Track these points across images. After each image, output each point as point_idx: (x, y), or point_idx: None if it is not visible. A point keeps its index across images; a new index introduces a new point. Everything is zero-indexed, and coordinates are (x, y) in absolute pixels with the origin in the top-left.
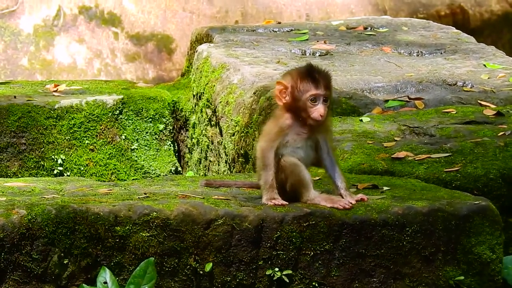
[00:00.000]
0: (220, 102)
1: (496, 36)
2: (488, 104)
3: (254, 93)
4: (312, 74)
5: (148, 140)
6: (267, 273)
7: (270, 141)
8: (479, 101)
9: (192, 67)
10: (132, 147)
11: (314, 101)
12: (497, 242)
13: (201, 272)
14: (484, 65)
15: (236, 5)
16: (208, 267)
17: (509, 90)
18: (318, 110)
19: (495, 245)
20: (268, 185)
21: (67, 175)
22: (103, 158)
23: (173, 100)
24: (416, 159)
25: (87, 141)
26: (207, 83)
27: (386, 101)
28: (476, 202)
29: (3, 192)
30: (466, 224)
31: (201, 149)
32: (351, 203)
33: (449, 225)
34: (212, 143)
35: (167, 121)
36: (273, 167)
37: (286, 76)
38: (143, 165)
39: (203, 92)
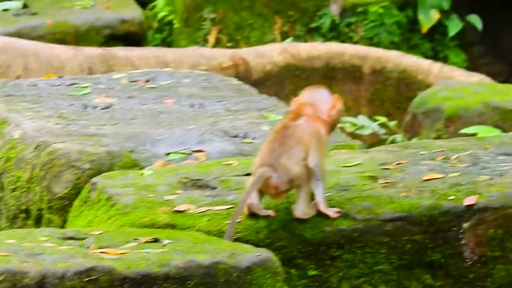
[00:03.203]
0: (1, 157)
1: (278, 87)
2: None
3: (36, 148)
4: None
5: None
6: None
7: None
8: None
9: None
10: None
11: None
12: None
13: None
14: (266, 116)
15: (18, 59)
16: None
17: None
18: None
19: None
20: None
21: None
22: None
23: None
24: (197, 211)
25: None
26: None
27: (168, 154)
28: (257, 254)
29: None
30: (247, 276)
31: None
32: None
33: (231, 277)
34: None
35: None
36: None
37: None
38: None
39: None
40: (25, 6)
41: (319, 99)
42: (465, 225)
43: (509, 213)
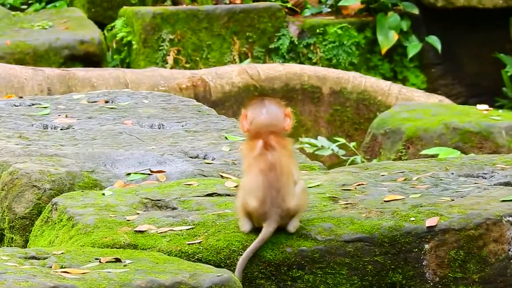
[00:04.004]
0: None
1: (237, 107)
2: (229, 176)
3: None
4: None
5: None
6: None
7: None
8: (220, 174)
9: None
10: None
11: None
12: None
13: None
14: (226, 137)
15: None
16: None
17: None
18: None
19: None
20: None
21: None
22: None
23: None
24: (158, 232)
25: None
26: None
27: (128, 174)
28: (218, 275)
29: None
30: None
31: None
32: None
33: None
34: None
35: None
36: None
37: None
38: None
39: None
40: None
41: (275, 116)
42: (427, 246)
43: (470, 234)
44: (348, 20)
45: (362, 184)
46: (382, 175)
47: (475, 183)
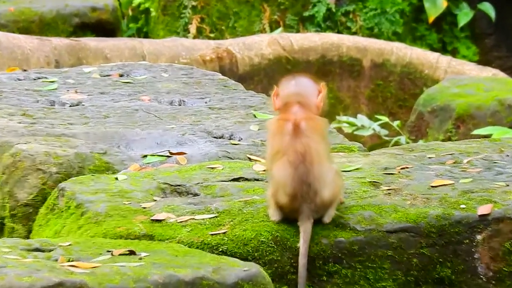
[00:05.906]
0: None
1: (267, 82)
2: (258, 158)
3: None
4: None
5: None
6: None
7: None
8: (248, 156)
9: None
10: None
11: None
12: None
13: None
14: (254, 115)
15: None
16: None
17: None
18: None
19: None
20: None
21: None
22: None
23: None
24: (178, 221)
25: None
26: None
27: (145, 156)
28: (245, 269)
29: None
30: None
31: None
32: None
33: None
34: None
35: None
36: None
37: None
38: None
39: None
40: None
41: (304, 87)
42: (479, 237)
43: None
44: None
45: (407, 168)
46: (429, 158)
47: None
